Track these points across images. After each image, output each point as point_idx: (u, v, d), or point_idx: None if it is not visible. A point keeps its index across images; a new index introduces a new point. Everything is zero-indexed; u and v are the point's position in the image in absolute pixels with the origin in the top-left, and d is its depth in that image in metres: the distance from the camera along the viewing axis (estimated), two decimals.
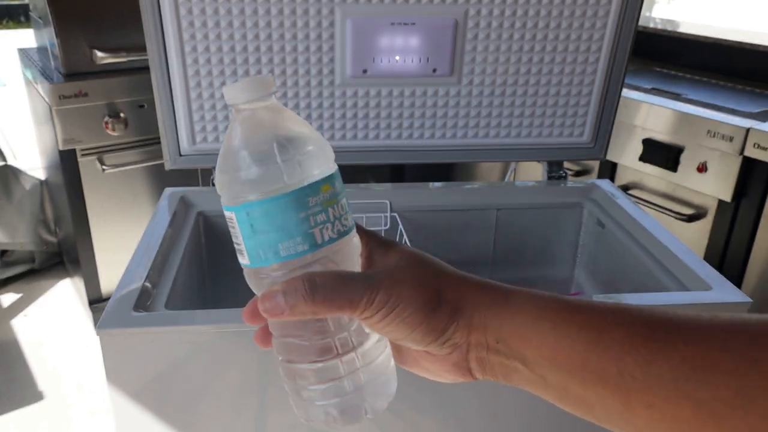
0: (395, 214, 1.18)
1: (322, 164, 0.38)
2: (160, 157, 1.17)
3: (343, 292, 0.36)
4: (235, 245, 0.39)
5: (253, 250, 0.38)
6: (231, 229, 0.39)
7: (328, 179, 0.37)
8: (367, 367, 0.39)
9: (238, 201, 0.37)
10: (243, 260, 0.40)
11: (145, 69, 1.10)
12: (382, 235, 0.42)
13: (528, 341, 0.36)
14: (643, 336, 0.32)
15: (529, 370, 0.36)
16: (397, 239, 1.15)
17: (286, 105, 1.16)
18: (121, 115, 1.88)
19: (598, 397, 0.33)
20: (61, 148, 1.84)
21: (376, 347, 0.40)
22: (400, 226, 1.15)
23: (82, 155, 1.88)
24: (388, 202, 1.18)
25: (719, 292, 0.87)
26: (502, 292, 0.38)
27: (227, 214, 0.38)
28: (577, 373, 0.34)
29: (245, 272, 0.41)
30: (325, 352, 0.38)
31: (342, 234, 0.38)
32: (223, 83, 1.12)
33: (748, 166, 1.52)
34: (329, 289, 0.36)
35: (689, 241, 1.65)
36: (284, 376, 0.40)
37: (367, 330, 0.39)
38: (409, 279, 0.37)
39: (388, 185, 1.27)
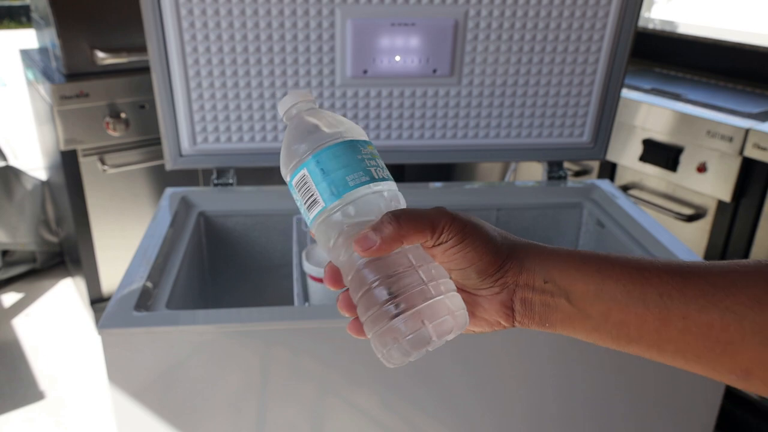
0: None
1: (363, 134, 0.48)
2: (161, 157, 1.17)
3: (425, 217, 0.43)
4: (307, 203, 0.46)
5: (326, 190, 0.45)
6: (302, 189, 0.46)
7: (370, 142, 0.48)
8: (442, 281, 0.44)
9: (308, 154, 0.45)
10: (316, 209, 0.45)
11: (146, 69, 1.10)
12: None
13: (575, 279, 0.43)
14: (678, 270, 0.41)
15: (572, 305, 0.43)
16: None
17: None
18: (122, 115, 1.88)
19: (637, 317, 0.41)
20: (62, 148, 1.85)
21: (444, 273, 0.45)
22: None
23: (84, 155, 1.88)
24: None
25: None
26: (550, 247, 0.45)
27: (299, 175, 0.46)
28: (620, 300, 0.41)
29: (319, 227, 0.46)
30: (401, 264, 0.43)
31: (391, 178, 0.46)
32: (224, 84, 1.13)
33: (748, 166, 1.53)
34: (411, 216, 0.43)
35: (689, 241, 1.65)
36: (364, 310, 0.44)
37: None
38: (475, 220, 0.45)
39: None
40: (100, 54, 1.83)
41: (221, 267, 1.21)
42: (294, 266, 1.05)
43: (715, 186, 1.58)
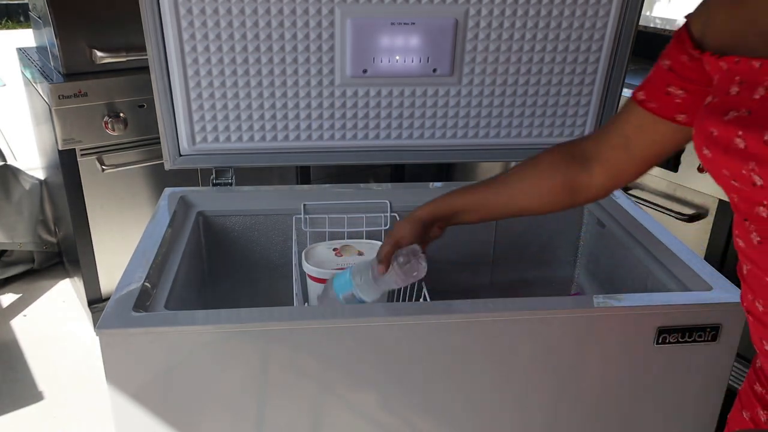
0: (395, 214, 1.18)
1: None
2: (160, 156, 1.17)
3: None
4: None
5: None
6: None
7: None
8: None
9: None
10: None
11: (144, 69, 1.09)
12: (382, 234, 0.46)
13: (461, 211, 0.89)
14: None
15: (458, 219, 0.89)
16: None
17: (285, 105, 1.16)
18: (121, 114, 1.88)
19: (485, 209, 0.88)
20: (60, 148, 1.84)
21: None
22: None
23: (82, 155, 1.88)
24: (388, 202, 1.18)
25: (720, 292, 0.87)
26: (440, 198, 0.91)
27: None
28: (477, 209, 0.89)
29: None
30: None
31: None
32: (223, 83, 1.12)
33: None
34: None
35: (690, 241, 1.64)
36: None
37: None
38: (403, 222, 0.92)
39: (388, 185, 1.26)
40: (98, 53, 1.82)
41: (220, 267, 1.21)
42: (293, 266, 1.05)
43: (715, 186, 1.57)
